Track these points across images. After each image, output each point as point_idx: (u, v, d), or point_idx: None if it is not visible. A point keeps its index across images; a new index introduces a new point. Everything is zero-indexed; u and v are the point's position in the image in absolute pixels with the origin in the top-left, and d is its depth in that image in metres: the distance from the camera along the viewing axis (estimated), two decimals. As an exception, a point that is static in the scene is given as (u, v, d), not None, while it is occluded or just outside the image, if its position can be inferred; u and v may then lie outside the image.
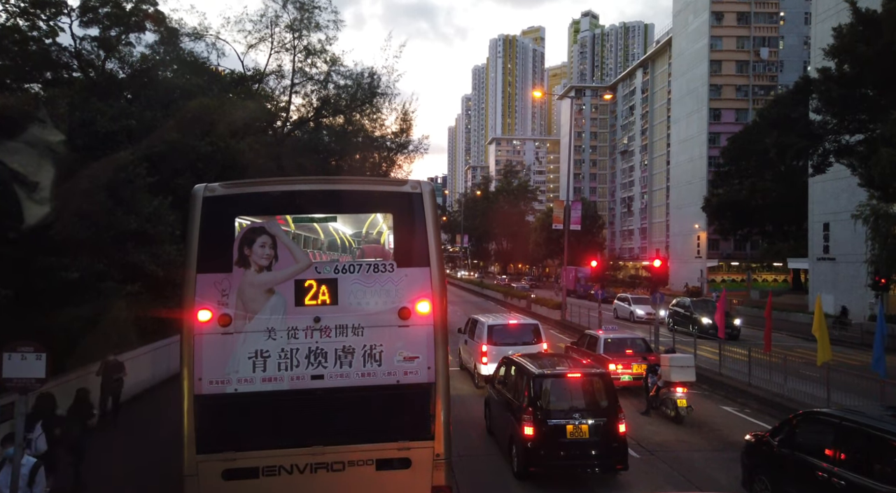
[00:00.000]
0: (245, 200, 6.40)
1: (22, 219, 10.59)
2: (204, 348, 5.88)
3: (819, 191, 40.54)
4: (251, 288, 6.03)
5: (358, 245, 6.55)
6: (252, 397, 5.88)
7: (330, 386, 5.99)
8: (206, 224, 6.13)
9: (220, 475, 5.79)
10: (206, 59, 30.05)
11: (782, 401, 14.52)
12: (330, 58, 33.23)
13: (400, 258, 6.37)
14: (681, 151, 76.81)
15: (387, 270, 6.27)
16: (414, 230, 6.42)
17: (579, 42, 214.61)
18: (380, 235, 6.56)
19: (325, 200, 6.63)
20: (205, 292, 5.97)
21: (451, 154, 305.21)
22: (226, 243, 6.08)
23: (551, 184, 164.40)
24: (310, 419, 6.00)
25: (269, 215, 6.28)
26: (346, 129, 35.95)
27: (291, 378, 5.95)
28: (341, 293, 6.13)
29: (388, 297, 6.21)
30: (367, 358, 6.07)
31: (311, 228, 6.49)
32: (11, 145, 10.90)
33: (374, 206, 6.66)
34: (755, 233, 59.81)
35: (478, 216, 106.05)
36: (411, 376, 6.12)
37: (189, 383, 5.84)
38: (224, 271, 6.04)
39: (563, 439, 9.47)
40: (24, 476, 6.55)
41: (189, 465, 5.80)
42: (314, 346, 6.01)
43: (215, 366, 5.88)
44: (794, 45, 72.31)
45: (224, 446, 5.83)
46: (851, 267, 37.42)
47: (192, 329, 5.89)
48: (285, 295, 6.06)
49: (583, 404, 9.90)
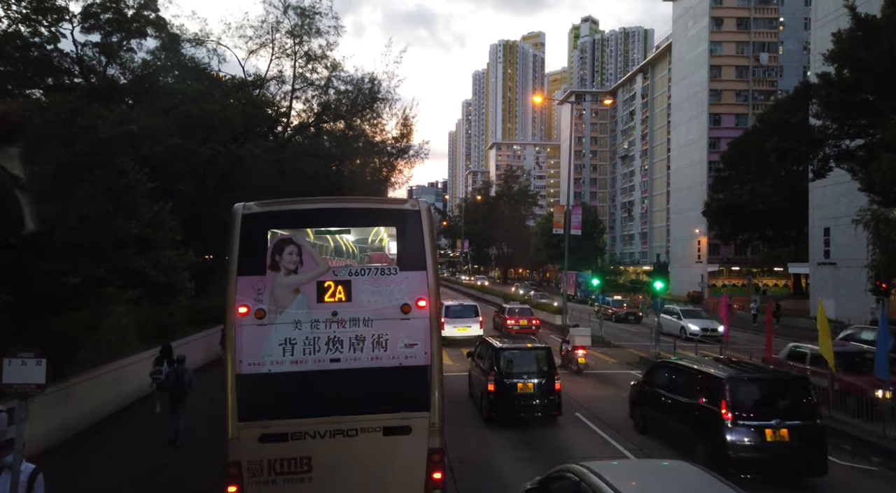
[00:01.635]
0: (276, 216, 7.61)
1: (22, 224, 10.60)
2: (244, 337, 7.05)
3: (819, 196, 40.55)
4: (281, 288, 7.19)
5: (364, 253, 7.99)
6: (282, 376, 7.06)
7: (345, 368, 7.20)
8: (244, 236, 7.29)
9: (256, 439, 6.97)
10: (207, 65, 30.17)
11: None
12: (331, 63, 33.34)
13: (402, 264, 7.50)
14: (681, 156, 76.90)
15: (391, 273, 7.44)
16: (413, 241, 7.56)
17: (579, 47, 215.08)
18: (382, 245, 8.01)
19: (340, 216, 8.02)
20: (244, 291, 7.11)
21: (451, 159, 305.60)
22: (260, 251, 7.25)
23: (552, 188, 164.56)
24: (329, 394, 7.19)
25: (295, 228, 7.48)
26: (346, 134, 36.02)
27: (314, 361, 7.14)
28: (354, 292, 7.30)
29: (392, 295, 7.36)
30: (375, 345, 7.27)
31: (327, 239, 7.95)
32: (12, 151, 10.91)
33: (381, 221, 8.13)
34: (756, 238, 59.68)
35: (479, 221, 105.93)
36: (411, 359, 7.31)
37: (232, 365, 6.99)
38: (259, 273, 7.19)
39: (515, 393, 13.59)
40: (24, 483, 6.52)
41: (232, 431, 6.97)
42: (332, 335, 7.21)
43: (253, 351, 7.04)
44: (793, 50, 72.47)
45: (260, 415, 7.01)
46: (852, 272, 37.37)
47: (234, 321, 7.05)
48: (308, 294, 7.25)
49: (531, 369, 13.90)
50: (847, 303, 37.40)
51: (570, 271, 38.33)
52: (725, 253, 70.83)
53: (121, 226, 13.00)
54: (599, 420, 14.25)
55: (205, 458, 10.59)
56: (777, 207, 52.17)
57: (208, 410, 10.26)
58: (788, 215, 52.54)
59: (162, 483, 10.22)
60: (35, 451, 10.93)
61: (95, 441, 12.26)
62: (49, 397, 11.32)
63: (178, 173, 20.86)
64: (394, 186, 43.48)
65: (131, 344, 14.44)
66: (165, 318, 16.59)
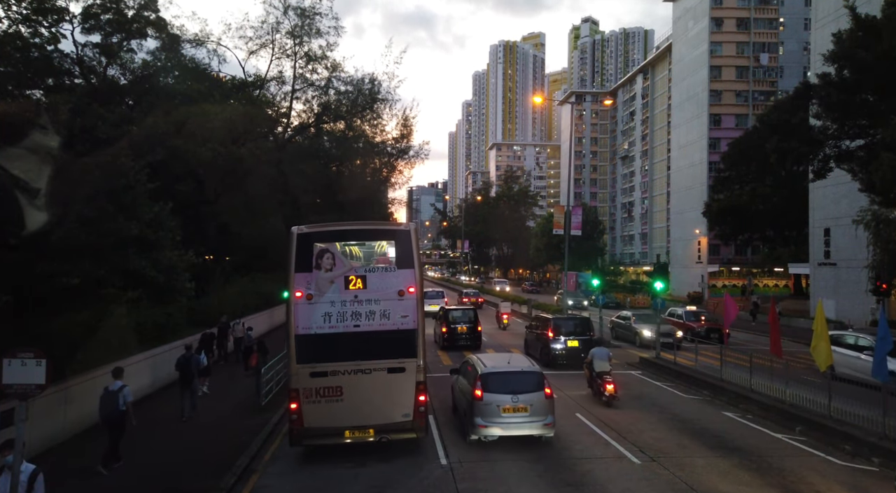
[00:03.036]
0: (318, 234, 11.39)
1: (23, 225, 10.59)
2: (299, 311, 10.88)
3: (819, 196, 40.52)
4: (321, 280, 11.02)
5: (373, 257, 11.51)
6: (324, 336, 10.93)
7: (363, 330, 11.05)
8: (298, 248, 11.06)
9: (308, 374, 10.85)
10: (208, 66, 30.19)
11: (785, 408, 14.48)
12: (331, 64, 33.31)
13: (398, 264, 11.38)
14: (681, 157, 76.89)
15: (391, 270, 11.32)
16: (405, 249, 11.44)
17: (579, 48, 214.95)
18: (384, 252, 11.59)
19: (358, 234, 11.90)
20: (299, 282, 10.94)
21: (451, 160, 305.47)
22: (308, 257, 11.03)
23: (552, 189, 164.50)
24: (353, 347, 10.97)
25: (330, 242, 11.24)
26: (346, 134, 36.01)
27: (343, 326, 10.99)
28: (368, 283, 11.15)
29: (392, 284, 11.23)
30: (381, 316, 11.12)
31: (349, 249, 11.47)
32: (13, 151, 10.91)
33: (384, 237, 11.90)
34: (756, 238, 59.61)
35: (479, 222, 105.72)
36: (405, 325, 11.18)
37: (292, 329, 10.89)
38: (308, 271, 11.01)
39: (456, 333, 26.23)
40: (24, 484, 6.55)
41: (293, 369, 10.92)
42: (354, 310, 11.06)
43: (305, 320, 10.89)
44: (793, 50, 72.44)
45: (310, 360, 10.86)
46: (853, 272, 37.34)
47: (293, 301, 10.89)
48: (339, 284, 11.07)
49: (465, 319, 26.75)
50: (847, 303, 37.37)
51: (570, 272, 38.30)
52: (725, 253, 70.79)
53: (121, 226, 13.02)
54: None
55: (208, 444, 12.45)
56: (777, 208, 52.14)
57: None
58: (789, 216, 52.49)
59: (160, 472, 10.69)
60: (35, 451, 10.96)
61: (100, 442, 12.26)
62: (49, 397, 11.34)
63: (178, 174, 20.85)
64: (394, 187, 43.49)
65: (130, 345, 14.45)
66: (164, 319, 16.61)
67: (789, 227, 54.99)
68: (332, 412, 10.90)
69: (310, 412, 10.83)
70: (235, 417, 14.74)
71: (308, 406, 10.82)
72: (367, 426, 11.07)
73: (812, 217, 41.85)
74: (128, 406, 10.57)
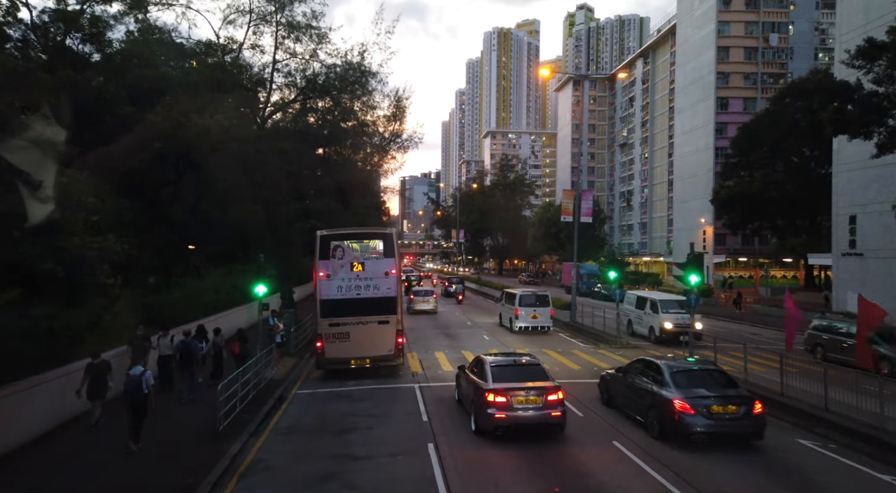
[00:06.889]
0: (334, 236, 18.80)
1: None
2: (321, 285, 18.28)
3: (844, 181, 37.60)
4: (336, 265, 18.33)
5: (368, 250, 19.11)
6: (339, 300, 18.29)
7: (363, 297, 18.39)
8: (321, 244, 18.34)
9: (328, 324, 18.30)
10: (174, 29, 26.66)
11: (881, 436, 11.49)
12: (316, 34, 29.89)
13: (384, 254, 18.97)
14: (685, 143, 73.92)
15: (380, 259, 18.83)
16: (389, 245, 19.07)
17: (574, 35, 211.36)
18: (376, 246, 19.18)
19: (360, 236, 20.19)
20: (322, 267, 18.27)
21: (444, 149, 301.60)
22: (327, 249, 18.38)
23: (548, 178, 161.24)
24: (356, 307, 18.33)
25: (341, 241, 18.65)
26: (334, 112, 32.70)
27: (350, 294, 18.34)
28: (366, 267, 18.51)
29: (381, 268, 18.61)
30: (374, 288, 18.42)
31: (353, 245, 19.07)
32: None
33: (376, 238, 19.77)
34: (765, 227, 56.75)
35: (473, 211, 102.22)
36: (388, 293, 18.54)
37: (318, 296, 18.35)
38: (327, 259, 18.35)
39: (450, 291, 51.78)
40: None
41: (320, 321, 18.40)
42: (357, 284, 18.39)
43: (326, 290, 18.27)
44: (804, 30, 69.34)
45: (329, 315, 18.30)
46: (882, 263, 34.60)
47: (318, 279, 18.31)
48: (347, 267, 18.37)
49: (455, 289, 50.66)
50: (875, 297, 34.38)
51: (571, 263, 35.25)
52: (732, 243, 68.06)
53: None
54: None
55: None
56: (791, 195, 49.27)
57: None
58: (802, 204, 49.71)
59: None
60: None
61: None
62: None
63: (132, 147, 17.55)
64: (386, 174, 40.50)
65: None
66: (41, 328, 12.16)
67: (802, 215, 52.19)
68: (343, 348, 18.18)
69: (329, 348, 18.17)
70: (187, 445, 11.69)
71: (328, 344, 18.16)
72: (365, 357, 18.29)
73: (835, 204, 38.85)
74: (150, 390, 11.35)
